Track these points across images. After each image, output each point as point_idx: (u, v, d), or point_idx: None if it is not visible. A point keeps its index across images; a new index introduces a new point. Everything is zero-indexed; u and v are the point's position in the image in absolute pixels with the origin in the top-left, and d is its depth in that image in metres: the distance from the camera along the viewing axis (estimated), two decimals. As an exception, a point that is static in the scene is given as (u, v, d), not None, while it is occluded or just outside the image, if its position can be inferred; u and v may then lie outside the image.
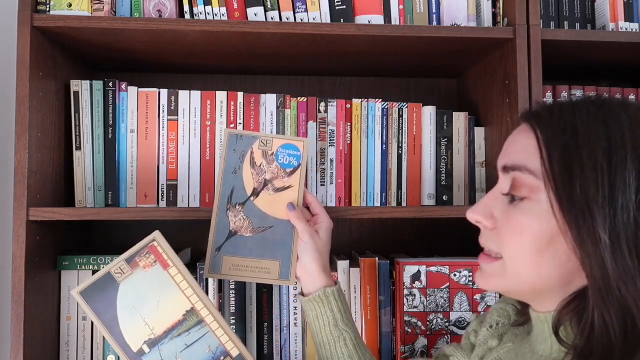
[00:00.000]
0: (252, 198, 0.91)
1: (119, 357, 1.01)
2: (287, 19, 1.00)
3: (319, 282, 0.87)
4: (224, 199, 0.90)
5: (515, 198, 0.61)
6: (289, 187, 0.92)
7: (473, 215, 0.65)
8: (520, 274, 0.61)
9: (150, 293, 0.78)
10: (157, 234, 0.81)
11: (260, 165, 0.91)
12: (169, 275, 0.79)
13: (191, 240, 1.21)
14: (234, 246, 0.90)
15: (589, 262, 0.54)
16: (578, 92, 1.10)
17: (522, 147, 0.61)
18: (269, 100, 1.05)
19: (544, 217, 0.58)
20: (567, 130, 0.57)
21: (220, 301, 1.03)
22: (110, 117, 1.02)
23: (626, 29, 1.06)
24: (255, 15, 0.99)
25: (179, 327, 0.78)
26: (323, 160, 1.06)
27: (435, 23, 1.04)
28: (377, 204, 1.07)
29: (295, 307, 1.05)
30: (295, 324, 1.05)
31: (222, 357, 0.79)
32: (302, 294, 0.89)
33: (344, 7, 1.01)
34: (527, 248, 0.59)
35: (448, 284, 1.04)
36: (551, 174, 0.57)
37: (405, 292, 1.04)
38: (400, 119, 1.08)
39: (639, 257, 0.53)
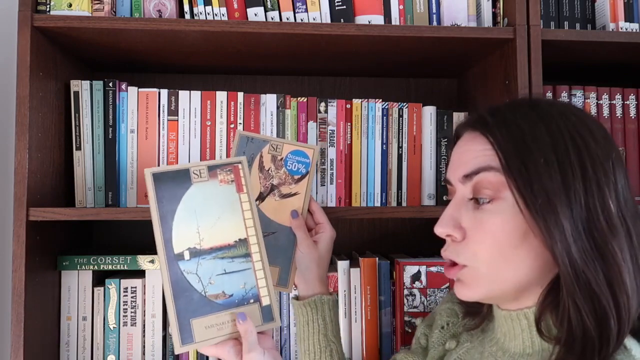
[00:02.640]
0: (257, 202, 0.90)
1: (119, 355, 1.01)
2: (287, 19, 1.00)
3: (315, 289, 0.87)
4: None
5: (481, 201, 0.62)
6: (295, 194, 0.91)
7: (443, 230, 0.64)
8: (500, 274, 0.62)
9: (215, 206, 0.76)
10: (243, 159, 0.80)
11: (269, 170, 0.91)
12: (238, 198, 0.78)
13: (191, 240, 1.21)
14: None
15: (558, 251, 0.57)
16: (578, 92, 1.10)
17: (478, 153, 0.63)
18: (269, 100, 1.05)
19: (514, 213, 0.60)
20: (513, 131, 0.61)
21: (220, 301, 1.03)
22: (110, 117, 1.02)
23: (626, 29, 1.06)
24: (255, 15, 0.99)
25: (225, 250, 0.76)
26: (323, 160, 1.06)
27: (435, 23, 1.04)
28: (377, 204, 1.07)
29: (295, 307, 1.05)
30: (295, 323, 1.05)
31: (252, 300, 0.76)
32: (297, 299, 0.89)
33: (344, 7, 1.01)
34: (503, 247, 0.60)
35: (448, 284, 1.04)
36: (510, 173, 0.59)
37: (405, 292, 1.04)
38: (400, 119, 1.08)
39: (594, 239, 0.57)
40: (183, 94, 1.04)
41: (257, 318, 0.76)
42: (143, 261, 1.03)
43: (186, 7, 0.99)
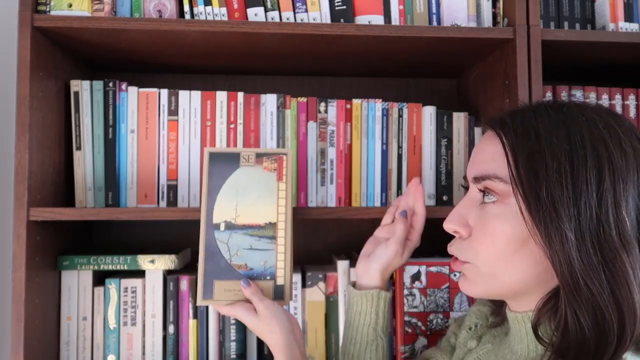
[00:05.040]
0: None
1: (119, 355, 1.01)
2: (287, 19, 1.00)
3: (376, 283, 0.87)
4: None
5: (487, 200, 0.63)
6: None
7: (450, 226, 0.66)
8: (497, 275, 0.62)
9: (255, 189, 0.86)
10: (290, 152, 0.89)
11: None
12: (277, 186, 0.87)
13: (191, 240, 1.20)
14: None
15: (558, 261, 0.56)
16: (578, 92, 1.10)
17: (489, 155, 0.63)
18: (269, 100, 1.05)
19: (516, 219, 0.60)
20: (530, 135, 0.60)
21: (220, 301, 1.03)
22: (110, 117, 1.02)
23: (626, 29, 1.06)
24: (255, 15, 0.99)
25: (255, 229, 0.86)
26: (323, 161, 1.06)
27: (435, 23, 1.04)
28: (377, 204, 1.07)
29: (295, 307, 1.05)
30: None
31: (269, 277, 0.85)
32: (353, 286, 0.88)
33: (344, 7, 1.01)
34: (501, 250, 0.61)
35: (448, 283, 1.04)
36: (518, 177, 0.59)
37: (405, 292, 1.04)
38: (400, 119, 1.08)
39: (602, 253, 0.55)
40: (183, 94, 1.04)
41: (269, 293, 0.85)
42: (143, 261, 1.02)
43: (186, 7, 0.99)
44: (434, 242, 1.28)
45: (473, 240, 0.64)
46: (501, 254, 0.61)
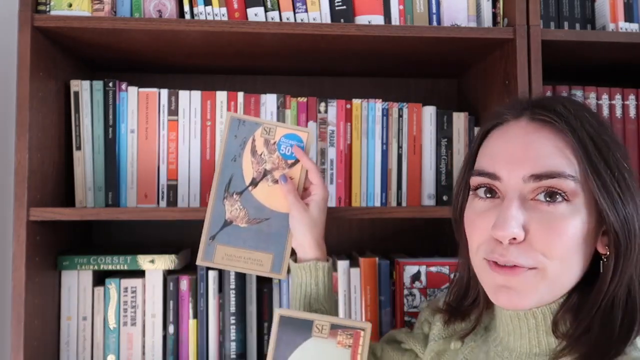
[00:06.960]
0: (250, 188, 0.90)
1: (119, 355, 1.01)
2: (287, 19, 1.00)
3: (311, 254, 0.86)
4: (222, 186, 0.89)
5: (549, 202, 0.60)
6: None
7: (508, 233, 0.59)
8: (562, 277, 0.61)
9: None
10: (369, 327, 0.77)
11: (261, 154, 0.90)
12: None
13: (191, 240, 1.20)
14: (228, 235, 0.89)
15: (629, 240, 0.59)
16: (578, 92, 1.10)
17: (552, 151, 0.60)
18: (269, 100, 1.05)
19: (583, 216, 0.60)
20: (585, 126, 0.61)
21: (221, 301, 1.03)
22: (110, 117, 1.02)
23: (626, 29, 1.06)
24: (255, 15, 0.99)
25: None
26: (323, 160, 1.06)
27: (435, 23, 1.04)
28: (377, 204, 1.07)
29: (295, 307, 1.05)
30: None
31: None
32: (295, 261, 0.88)
33: (344, 7, 1.01)
34: (571, 249, 0.59)
35: (448, 284, 1.04)
36: (593, 171, 0.59)
37: (405, 292, 1.04)
38: (400, 119, 1.08)
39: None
40: (183, 94, 1.04)
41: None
42: (143, 261, 1.02)
43: (186, 7, 0.99)
44: (433, 242, 1.29)
45: (537, 243, 0.59)
46: (571, 254, 0.59)
